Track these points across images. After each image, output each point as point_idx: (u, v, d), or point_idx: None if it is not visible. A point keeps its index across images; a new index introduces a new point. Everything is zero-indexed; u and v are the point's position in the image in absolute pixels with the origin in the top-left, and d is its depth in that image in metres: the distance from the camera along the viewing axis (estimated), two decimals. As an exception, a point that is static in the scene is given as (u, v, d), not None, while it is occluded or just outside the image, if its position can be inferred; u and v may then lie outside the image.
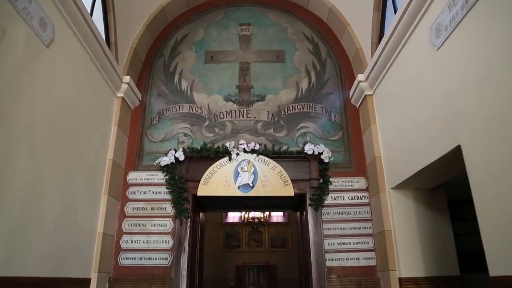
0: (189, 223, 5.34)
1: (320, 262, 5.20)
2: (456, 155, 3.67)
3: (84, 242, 4.72)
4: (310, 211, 5.41)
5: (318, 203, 5.39)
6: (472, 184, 3.34)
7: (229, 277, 21.30)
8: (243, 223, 19.29)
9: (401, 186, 5.04)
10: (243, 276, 21.49)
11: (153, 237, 5.41)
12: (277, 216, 22.54)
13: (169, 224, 5.45)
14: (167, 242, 5.37)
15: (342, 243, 5.41)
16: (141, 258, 5.33)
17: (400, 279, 4.83)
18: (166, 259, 5.30)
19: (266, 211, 7.00)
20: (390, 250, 5.00)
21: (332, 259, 5.32)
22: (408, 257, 4.91)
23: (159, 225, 5.46)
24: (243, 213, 19.82)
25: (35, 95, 3.64)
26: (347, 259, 5.35)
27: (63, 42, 4.14)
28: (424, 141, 4.20)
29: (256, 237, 21.78)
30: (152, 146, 5.88)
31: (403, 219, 5.05)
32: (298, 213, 6.24)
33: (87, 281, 4.78)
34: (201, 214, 6.29)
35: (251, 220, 18.82)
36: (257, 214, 19.41)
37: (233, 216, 22.48)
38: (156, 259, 5.32)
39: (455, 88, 3.57)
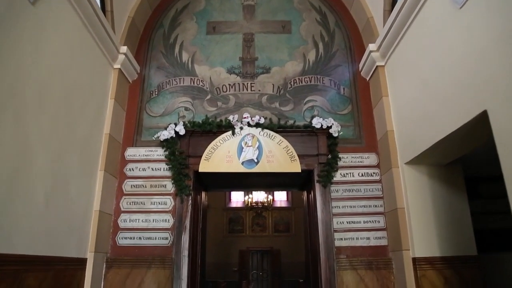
0: (190, 201, 5.03)
1: (329, 242, 4.89)
2: (480, 121, 3.33)
3: (79, 220, 4.42)
4: (318, 188, 5.09)
5: (327, 180, 5.06)
6: (501, 153, 2.98)
7: (232, 262, 21.17)
8: (247, 207, 19.05)
9: (415, 161, 4.71)
10: (247, 261, 21.37)
11: (153, 216, 5.11)
12: (280, 201, 22.31)
13: (169, 202, 5.14)
14: (168, 221, 5.07)
15: (352, 222, 5.10)
16: (140, 238, 5.04)
17: (414, 259, 4.52)
18: (167, 238, 5.00)
19: (271, 190, 6.61)
20: (403, 228, 4.69)
21: (341, 239, 5.02)
22: (423, 236, 4.60)
23: (159, 203, 5.16)
24: (246, 197, 19.58)
25: (20, 56, 3.30)
26: (357, 238, 5.05)
27: (51, 1, 3.78)
28: (444, 109, 3.86)
29: (260, 222, 21.57)
30: (151, 121, 5.56)
31: (417, 196, 4.73)
32: (305, 192, 5.92)
33: (83, 261, 4.49)
34: (203, 194, 5.99)
35: (254, 204, 18.57)
36: (261, 198, 19.14)
37: (237, 201, 22.27)
38: (156, 238, 5.03)
39: (481, 49, 3.21)
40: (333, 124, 5.17)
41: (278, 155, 5.12)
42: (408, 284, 4.52)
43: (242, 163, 5.11)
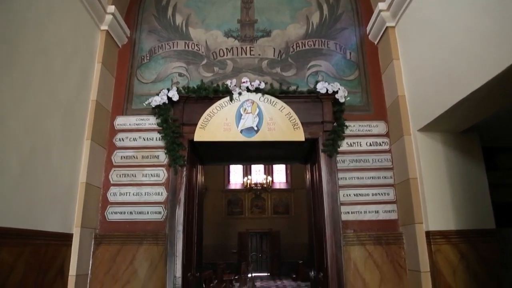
0: (185, 172, 4.60)
1: (335, 216, 4.48)
2: (507, 77, 2.90)
3: (62, 192, 3.99)
4: (323, 158, 4.66)
5: (333, 149, 4.63)
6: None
7: (231, 244, 20.94)
8: (246, 189, 18.71)
9: (429, 128, 4.28)
10: (246, 243, 21.13)
11: (145, 189, 4.69)
12: (279, 183, 21.96)
13: (162, 174, 4.72)
14: (161, 194, 4.66)
15: (359, 194, 4.69)
16: (131, 212, 4.62)
17: (428, 233, 4.13)
18: (160, 213, 4.59)
19: (272, 164, 6.15)
20: (416, 200, 4.28)
21: (348, 212, 4.62)
22: (437, 208, 4.20)
23: (151, 175, 4.73)
24: (245, 178, 19.23)
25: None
26: (365, 212, 4.64)
27: None
28: (465, 66, 3.41)
29: (259, 204, 21.26)
30: (142, 88, 5.10)
31: (431, 165, 4.31)
32: (308, 165, 5.50)
33: (68, 236, 4.08)
34: (200, 168, 5.56)
35: (253, 185, 18.22)
36: (260, 179, 18.78)
37: (235, 183, 21.92)
38: (148, 213, 4.61)
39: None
40: (339, 89, 4.72)
41: (280, 122, 4.68)
42: (421, 259, 4.13)
43: (241, 131, 4.67)
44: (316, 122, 4.74)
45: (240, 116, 4.71)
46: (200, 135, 4.65)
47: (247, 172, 20.83)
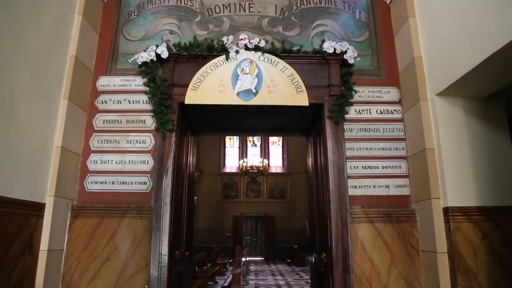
0: (173, 139, 4.03)
1: (341, 190, 3.94)
2: None
3: (32, 154, 3.42)
4: (328, 125, 4.10)
5: (340, 115, 4.07)
6: None
7: (226, 228, 20.48)
8: (242, 172, 18.19)
9: (449, 92, 3.72)
10: (241, 227, 20.67)
11: (129, 157, 4.12)
12: (276, 167, 21.46)
13: (149, 140, 4.15)
14: (147, 162, 4.09)
15: (368, 166, 4.15)
16: (113, 182, 4.06)
17: (446, 209, 3.59)
18: (145, 183, 4.03)
19: (270, 135, 5.58)
20: (433, 173, 3.75)
21: (356, 187, 4.07)
22: (457, 181, 3.66)
23: (137, 141, 4.16)
24: (241, 161, 18.71)
25: None
26: (374, 186, 4.10)
27: None
28: (491, 21, 2.90)
29: (255, 188, 20.76)
30: (129, 46, 4.49)
31: (450, 134, 3.76)
32: (311, 137, 4.94)
33: (39, 206, 3.51)
34: (192, 139, 4.99)
35: (249, 169, 17.70)
36: (256, 163, 18.27)
37: (231, 166, 21.40)
38: (132, 183, 4.05)
39: None
40: (348, 48, 4.13)
41: (281, 84, 4.11)
42: (437, 239, 3.60)
43: (238, 93, 4.09)
44: (322, 86, 4.17)
45: (237, 77, 4.13)
46: (192, 97, 4.07)
47: (243, 155, 20.32)
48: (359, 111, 4.27)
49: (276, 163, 21.32)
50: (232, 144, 21.87)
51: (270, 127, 5.09)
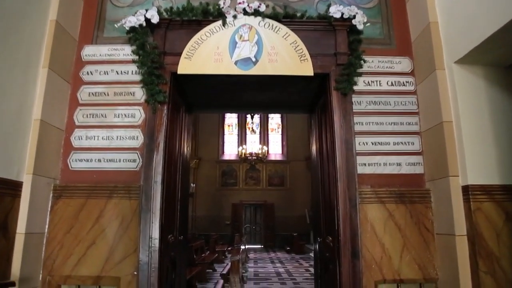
0: (165, 111, 3.63)
1: (349, 167, 3.55)
2: None
3: (5, 127, 3.03)
4: (335, 97, 3.70)
5: (348, 86, 3.67)
6: None
7: (225, 215, 20.14)
8: (241, 159, 17.81)
9: (469, 59, 3.33)
10: (240, 214, 20.33)
11: (117, 132, 3.73)
12: (275, 154, 21.08)
13: (138, 114, 3.75)
14: (136, 138, 3.70)
15: (379, 143, 3.76)
16: (99, 160, 3.67)
17: (466, 188, 3.22)
18: (134, 161, 3.65)
19: (271, 112, 5.15)
20: (451, 148, 3.36)
21: (365, 164, 3.69)
22: (478, 157, 3.28)
23: (125, 115, 3.76)
24: (240, 148, 18.31)
25: None
26: (385, 164, 3.72)
27: None
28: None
29: (254, 175, 20.38)
30: (117, 13, 4.07)
31: (470, 105, 3.38)
32: (316, 114, 4.54)
33: (15, 184, 3.12)
34: (186, 116, 4.59)
35: (248, 155, 17.33)
36: (255, 149, 17.88)
37: (230, 154, 21.01)
38: (120, 161, 3.67)
39: None
40: (357, 13, 3.71)
41: (284, 52, 3.70)
42: (456, 220, 3.23)
43: (236, 62, 3.69)
44: (328, 54, 3.77)
45: (234, 44, 3.72)
46: (185, 66, 3.66)
47: (242, 142, 19.94)
48: (368, 82, 3.88)
49: (275, 150, 20.95)
50: (231, 131, 21.48)
51: (271, 103, 4.68)
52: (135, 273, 3.31)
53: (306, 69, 3.65)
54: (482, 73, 3.43)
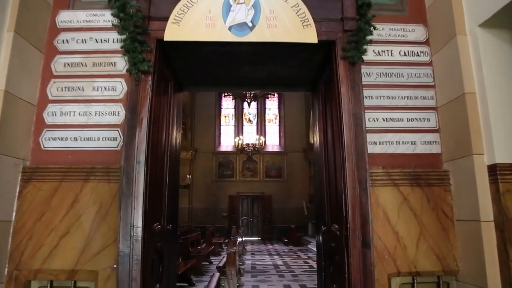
0: (150, 83, 3.15)
1: (359, 145, 3.09)
2: None
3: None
4: (342, 67, 3.23)
5: (356, 54, 3.19)
6: None
7: (221, 207, 19.65)
8: (238, 149, 17.31)
9: (495, 22, 2.89)
10: (237, 206, 19.86)
11: (96, 107, 3.26)
12: (272, 145, 20.60)
13: (120, 87, 3.28)
14: (117, 114, 3.23)
15: (390, 119, 3.31)
16: (75, 139, 3.20)
17: (493, 167, 2.78)
18: (115, 139, 3.18)
19: (270, 90, 4.65)
20: (474, 122, 2.91)
21: (375, 143, 3.24)
22: (506, 132, 2.84)
23: (105, 88, 3.29)
24: (237, 138, 17.82)
25: None
26: (398, 143, 3.27)
27: None
28: None
29: (251, 167, 19.89)
30: (96, -25, 3.59)
31: (497, 74, 2.93)
32: (320, 90, 4.08)
33: (-26, 164, 2.66)
34: (175, 94, 4.12)
35: (245, 146, 16.86)
36: (252, 140, 17.41)
37: (227, 145, 20.52)
38: (99, 139, 3.20)
39: None
40: (366, -28, 3.25)
41: (284, 16, 3.23)
42: (481, 204, 2.79)
43: (230, 28, 3.21)
44: (334, 19, 3.30)
45: (229, 7, 3.24)
46: (173, 32, 3.19)
47: (238, 133, 19.46)
48: (378, 52, 3.42)
49: (272, 141, 20.48)
50: (227, 122, 20.98)
51: (269, 79, 4.20)
52: (115, 266, 2.85)
53: (309, 35, 3.18)
54: (511, 38, 2.97)
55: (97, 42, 3.38)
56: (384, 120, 3.28)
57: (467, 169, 2.92)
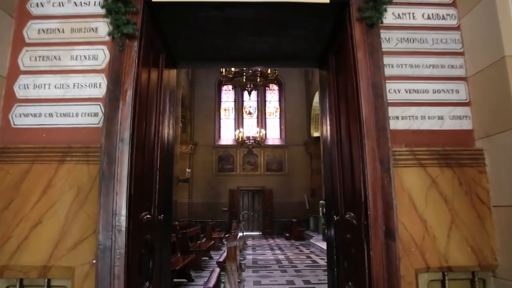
0: (135, 48, 2.67)
1: (380, 118, 2.62)
2: None
3: None
4: (359, 29, 2.75)
5: (375, 14, 2.71)
6: None
7: (222, 202, 19.19)
8: (238, 142, 16.80)
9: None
10: (237, 201, 19.40)
11: (74, 78, 2.79)
12: (273, 139, 20.13)
13: (102, 55, 2.80)
14: (99, 86, 2.76)
15: (414, 90, 2.83)
16: (51, 115, 2.73)
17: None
18: (96, 115, 2.71)
19: (272, 65, 4.20)
20: (518, 91, 2.44)
21: (397, 118, 2.77)
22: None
23: (85, 57, 2.81)
24: (237, 131, 17.33)
25: None
26: (423, 117, 2.79)
27: None
28: None
29: (251, 160, 19.41)
30: None
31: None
32: (329, 64, 3.60)
33: None
34: (168, 69, 3.64)
35: (245, 139, 16.37)
36: (253, 133, 16.93)
37: (227, 138, 20.05)
38: (77, 115, 2.73)
39: None
40: None
41: (291, -29, 2.75)
42: (527, 187, 2.31)
43: (228, -15, 2.73)
44: (348, -24, 2.82)
45: (226, -39, 2.77)
46: (162, -10, 2.71)
47: (239, 126, 18.98)
48: (398, 15, 2.94)
49: (273, 135, 20.01)
50: (227, 115, 20.49)
51: (272, 53, 3.72)
52: (94, 261, 2.39)
53: (320, -7, 2.70)
54: (556, -9, 2.49)
55: (76, 5, 2.90)
56: (406, 92, 2.81)
57: (507, 146, 2.45)
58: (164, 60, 3.37)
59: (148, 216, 2.86)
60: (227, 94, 20.50)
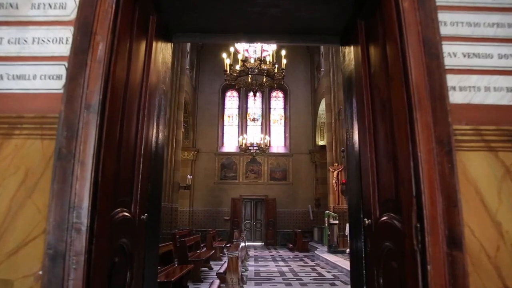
0: (113, -7, 2.00)
1: (435, 86, 1.92)
2: None
3: None
4: (405, -26, 2.08)
5: (428, -48, 2.04)
6: None
7: (224, 211, 18.42)
8: (241, 149, 16.07)
9: None
10: (239, 210, 18.61)
11: (34, 31, 2.10)
12: (277, 147, 19.45)
13: (71, 3, 2.12)
14: (65, 41, 2.07)
15: (474, 54, 2.13)
16: (1, 77, 2.05)
17: None
18: (59, 77, 2.01)
19: (286, 41, 3.54)
20: None
21: (453, 88, 2.05)
22: None
23: (49, 5, 2.13)
24: (240, 137, 16.64)
25: None
26: (487, 89, 2.08)
27: None
28: None
29: (255, 168, 18.68)
30: None
31: None
32: (356, 34, 2.92)
33: None
34: (159, 39, 2.97)
35: (249, 145, 15.66)
36: (256, 140, 16.21)
37: (230, 146, 19.39)
38: (35, 77, 2.03)
39: None
40: None
41: None
42: None
43: None
44: None
45: None
46: None
47: (242, 132, 18.32)
48: (452, -39, 2.25)
49: (277, 143, 19.34)
50: (231, 122, 19.83)
51: (284, 23, 3.04)
52: (40, 272, 1.67)
53: None
54: None
55: None
56: (464, 56, 2.11)
57: None
58: (154, 24, 2.69)
59: (125, 214, 2.15)
60: (231, 101, 19.90)
